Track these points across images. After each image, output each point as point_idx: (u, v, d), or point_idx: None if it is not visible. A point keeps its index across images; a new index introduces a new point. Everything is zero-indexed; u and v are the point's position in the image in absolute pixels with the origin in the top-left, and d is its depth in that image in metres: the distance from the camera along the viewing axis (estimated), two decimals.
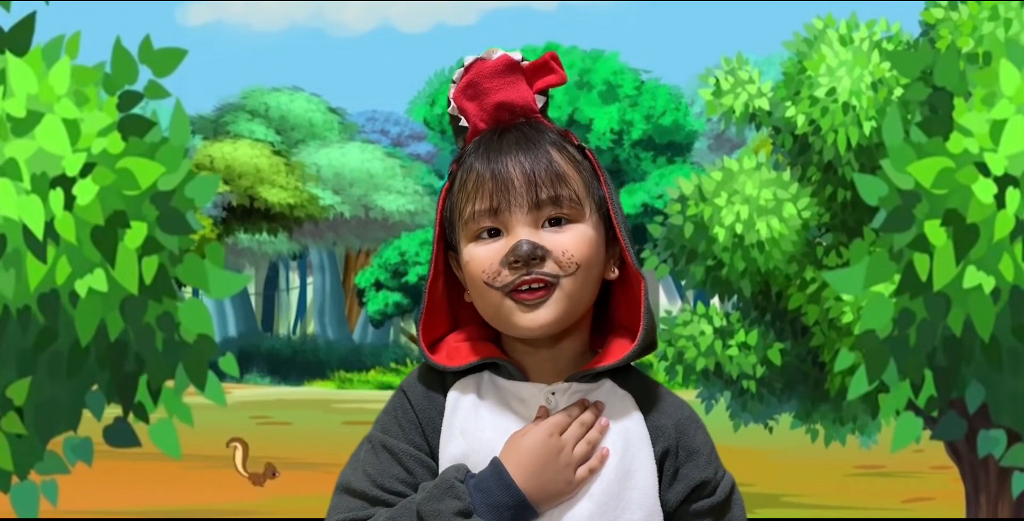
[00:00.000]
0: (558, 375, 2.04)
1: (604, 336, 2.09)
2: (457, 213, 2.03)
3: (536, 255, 1.97)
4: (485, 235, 2.00)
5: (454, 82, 2.06)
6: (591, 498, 2.01)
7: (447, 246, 2.08)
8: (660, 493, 2.04)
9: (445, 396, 2.04)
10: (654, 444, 2.04)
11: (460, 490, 1.94)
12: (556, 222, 2.00)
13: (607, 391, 2.05)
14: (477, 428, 2.01)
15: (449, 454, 2.01)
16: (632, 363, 2.09)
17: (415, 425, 2.04)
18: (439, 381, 2.05)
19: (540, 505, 1.95)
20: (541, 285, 1.98)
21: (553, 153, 2.02)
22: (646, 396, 2.06)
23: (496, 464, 1.95)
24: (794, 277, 9.24)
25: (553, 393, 2.03)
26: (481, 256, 2.00)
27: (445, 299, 2.09)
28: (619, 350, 2.04)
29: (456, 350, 2.06)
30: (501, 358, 2.03)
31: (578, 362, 2.05)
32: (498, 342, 2.08)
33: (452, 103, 2.06)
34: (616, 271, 2.07)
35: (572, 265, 1.99)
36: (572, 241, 1.99)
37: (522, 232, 1.98)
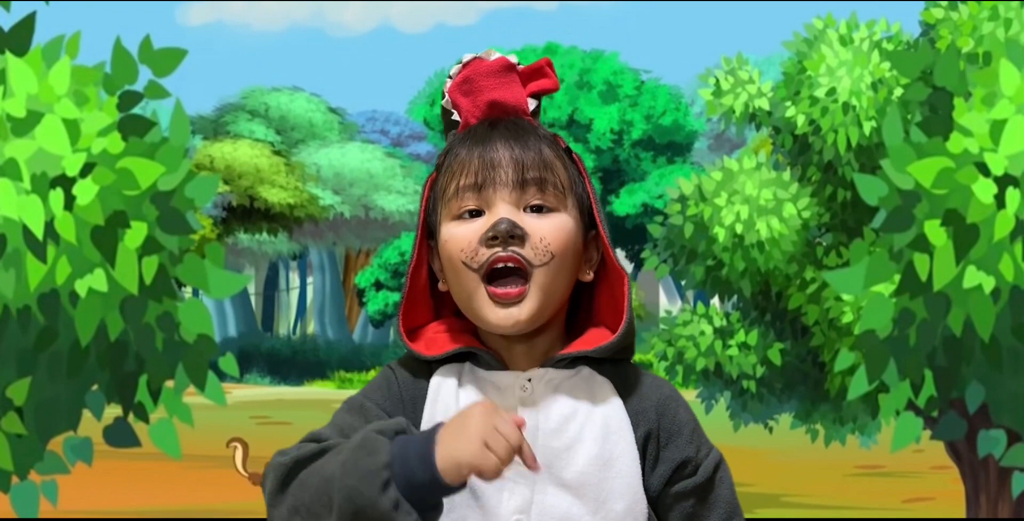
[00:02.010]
0: (534, 361, 2.04)
1: (582, 332, 2.09)
2: (440, 192, 2.05)
3: (515, 234, 1.98)
4: (466, 215, 2.02)
5: (450, 77, 2.09)
6: (570, 488, 1.99)
7: (429, 235, 2.09)
8: (645, 477, 2.02)
9: (429, 381, 2.05)
10: (635, 429, 2.02)
11: (383, 445, 1.89)
12: (538, 209, 2.01)
13: (585, 377, 2.04)
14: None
15: None
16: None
17: (398, 399, 2.04)
18: (424, 368, 2.06)
19: (448, 473, 1.86)
20: (515, 266, 1.98)
21: (542, 144, 2.04)
22: (624, 381, 2.05)
23: (432, 430, 1.91)
24: (794, 277, 9.25)
25: (529, 380, 2.03)
26: (460, 234, 2.01)
27: (427, 288, 2.10)
28: (596, 338, 2.04)
29: (434, 340, 2.07)
30: (479, 347, 2.04)
31: (554, 351, 2.05)
32: (477, 332, 2.08)
33: (446, 96, 2.09)
34: (591, 274, 2.07)
35: (547, 254, 1.99)
36: (551, 229, 2.00)
37: (504, 210, 1.99)
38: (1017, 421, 7.25)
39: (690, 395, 9.75)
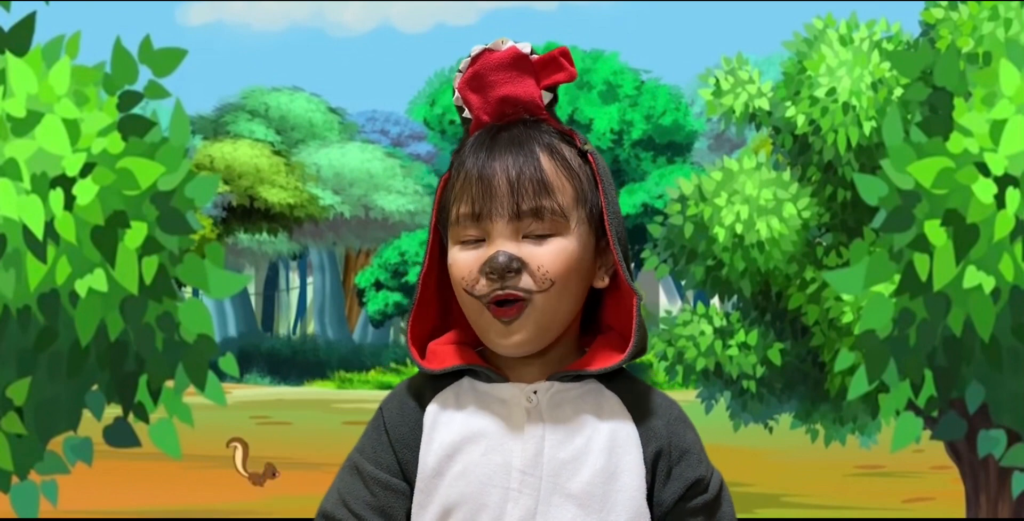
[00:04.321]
0: (541, 376, 2.02)
1: (593, 337, 2.06)
2: (448, 212, 2.01)
3: (511, 267, 1.94)
4: (469, 240, 1.99)
5: (460, 71, 2.02)
6: (575, 499, 1.98)
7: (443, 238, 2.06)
8: (655, 493, 2.02)
9: (424, 410, 2.03)
10: (645, 445, 2.01)
11: None
12: (537, 235, 1.97)
13: (592, 391, 2.02)
14: (457, 434, 2.01)
15: (429, 467, 2.01)
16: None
17: (386, 445, 2.04)
18: (418, 396, 2.04)
19: None
20: (514, 300, 1.96)
21: (543, 159, 1.98)
22: (634, 397, 2.03)
23: None
24: (794, 277, 9.25)
25: (535, 392, 2.01)
26: (462, 262, 1.98)
27: (437, 291, 2.07)
28: (606, 354, 2.01)
29: (435, 354, 2.05)
30: (479, 365, 2.02)
31: (564, 363, 2.03)
32: (481, 346, 2.06)
33: (457, 93, 2.02)
34: (606, 279, 2.04)
35: (546, 282, 1.96)
36: (550, 256, 1.96)
37: (501, 242, 1.96)
38: (1017, 421, 7.25)
39: (690, 395, 9.75)
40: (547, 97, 2.02)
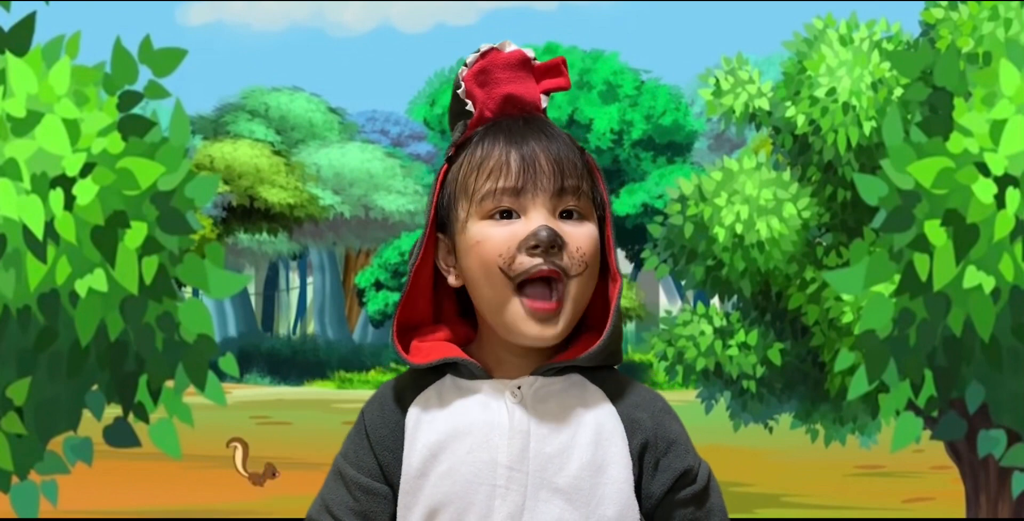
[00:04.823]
0: (525, 371, 2.02)
1: (575, 336, 2.07)
2: (469, 190, 2.00)
3: (556, 243, 1.96)
4: (497, 216, 1.98)
5: (466, 65, 2.05)
6: (562, 493, 1.98)
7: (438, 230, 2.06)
8: (643, 485, 2.02)
9: (405, 413, 2.04)
10: (631, 437, 2.02)
11: None
12: (569, 215, 2.00)
13: (576, 384, 2.03)
14: (441, 433, 2.01)
15: (413, 468, 2.01)
16: (619, 366, 2.08)
17: (367, 449, 2.05)
18: (399, 398, 2.05)
19: None
20: (554, 276, 1.96)
21: (573, 148, 2.02)
22: (618, 390, 2.04)
23: None
24: (794, 277, 9.25)
25: (519, 387, 2.01)
26: (497, 238, 1.97)
27: (431, 284, 2.08)
28: (585, 345, 2.02)
29: (419, 350, 2.05)
30: (462, 358, 2.02)
31: (547, 358, 2.03)
32: (467, 341, 2.07)
33: (462, 85, 2.05)
34: (596, 278, 2.06)
35: (582, 264, 1.98)
36: (584, 238, 1.99)
37: (540, 217, 1.97)
38: (1017, 421, 7.25)
39: (690, 395, 9.75)
40: (544, 101, 2.06)
